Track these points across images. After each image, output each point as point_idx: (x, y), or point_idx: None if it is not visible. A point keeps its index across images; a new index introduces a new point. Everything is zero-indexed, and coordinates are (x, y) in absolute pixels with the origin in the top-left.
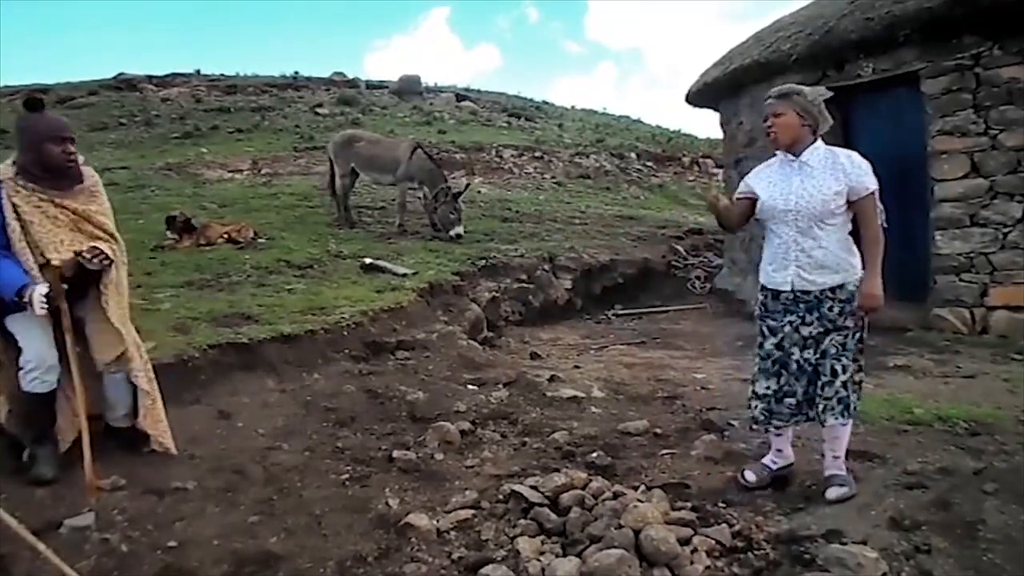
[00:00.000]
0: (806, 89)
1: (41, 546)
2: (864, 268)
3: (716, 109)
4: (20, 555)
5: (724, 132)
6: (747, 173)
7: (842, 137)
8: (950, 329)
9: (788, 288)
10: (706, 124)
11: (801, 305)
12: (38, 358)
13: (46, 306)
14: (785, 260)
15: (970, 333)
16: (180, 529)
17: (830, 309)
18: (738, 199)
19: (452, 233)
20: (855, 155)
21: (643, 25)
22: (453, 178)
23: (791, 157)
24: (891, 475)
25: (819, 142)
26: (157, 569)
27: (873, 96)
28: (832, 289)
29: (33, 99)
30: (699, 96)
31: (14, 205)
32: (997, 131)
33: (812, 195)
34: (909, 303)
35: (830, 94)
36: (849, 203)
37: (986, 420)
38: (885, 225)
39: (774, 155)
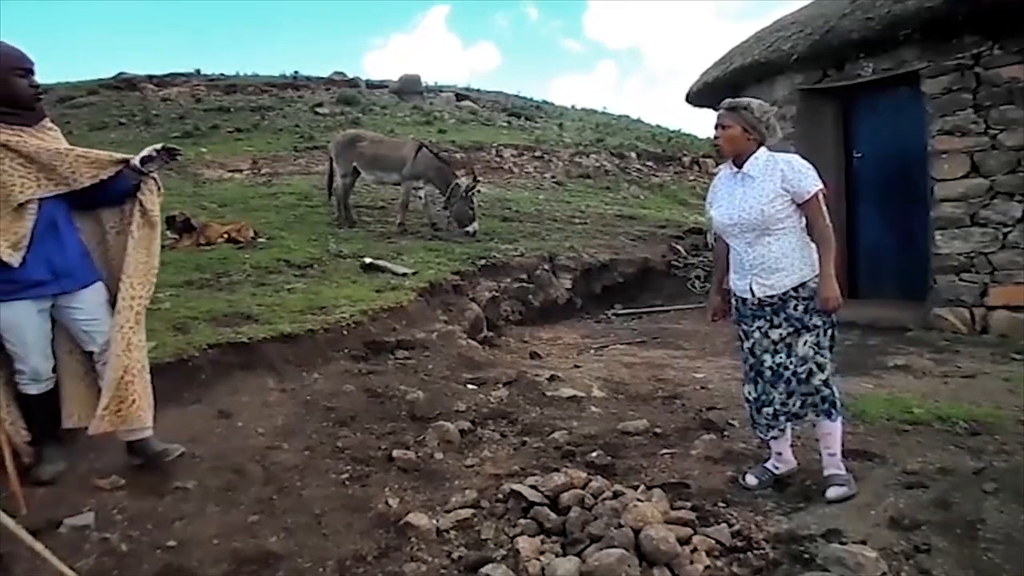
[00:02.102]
0: (754, 104)
1: (39, 546)
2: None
3: (716, 109)
4: (20, 554)
5: None
6: None
7: (842, 137)
8: (950, 329)
9: (749, 295)
10: (707, 124)
11: (767, 308)
12: (31, 371)
13: None
14: (742, 270)
15: (970, 333)
16: (180, 528)
17: (795, 308)
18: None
19: (469, 230)
20: (795, 160)
21: (642, 24)
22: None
23: (735, 169)
24: (891, 475)
25: (761, 150)
26: (157, 568)
27: (874, 96)
28: (795, 288)
29: None
30: (699, 96)
31: None
32: (997, 131)
33: (752, 206)
34: (909, 302)
35: (775, 110)
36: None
37: (986, 420)
38: (829, 224)
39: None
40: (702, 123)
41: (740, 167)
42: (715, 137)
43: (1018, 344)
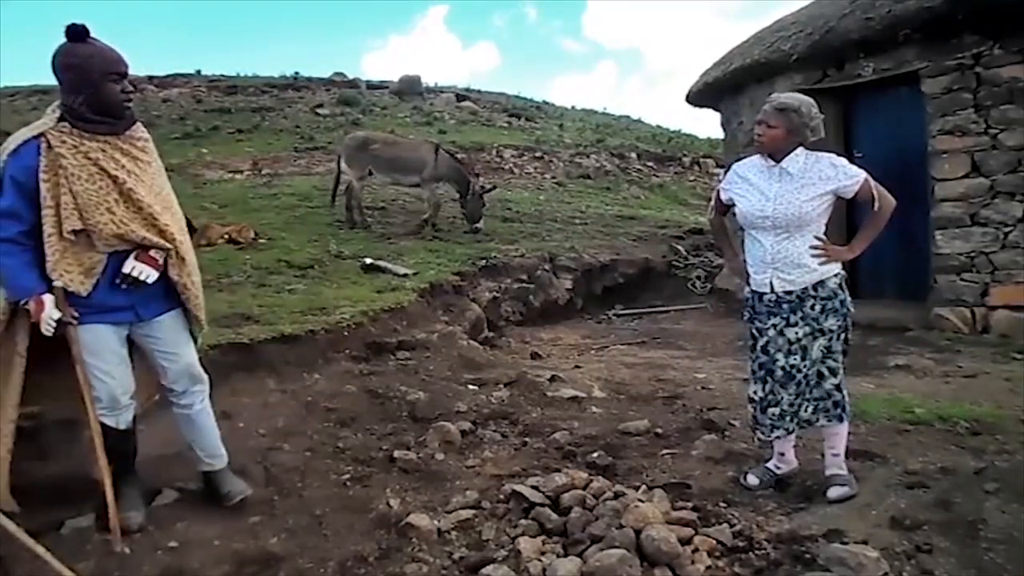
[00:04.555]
0: (804, 107)
1: (40, 549)
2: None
3: (717, 109)
4: (21, 555)
5: (725, 132)
6: None
7: (843, 137)
8: (951, 328)
9: (769, 289)
10: (707, 124)
11: (784, 306)
12: (108, 397)
13: (53, 328)
14: (764, 263)
15: (971, 332)
16: (181, 530)
17: (812, 308)
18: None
19: (479, 226)
20: (835, 158)
21: (642, 24)
22: None
23: (771, 163)
24: (892, 475)
25: (800, 148)
26: (158, 570)
27: (874, 96)
28: (814, 287)
29: (76, 26)
30: (699, 96)
31: (59, 162)
32: (998, 130)
33: (791, 202)
34: (910, 302)
35: (821, 117)
36: (851, 199)
37: (987, 420)
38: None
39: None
40: (702, 123)
41: (777, 161)
42: (758, 134)
43: (1019, 344)
